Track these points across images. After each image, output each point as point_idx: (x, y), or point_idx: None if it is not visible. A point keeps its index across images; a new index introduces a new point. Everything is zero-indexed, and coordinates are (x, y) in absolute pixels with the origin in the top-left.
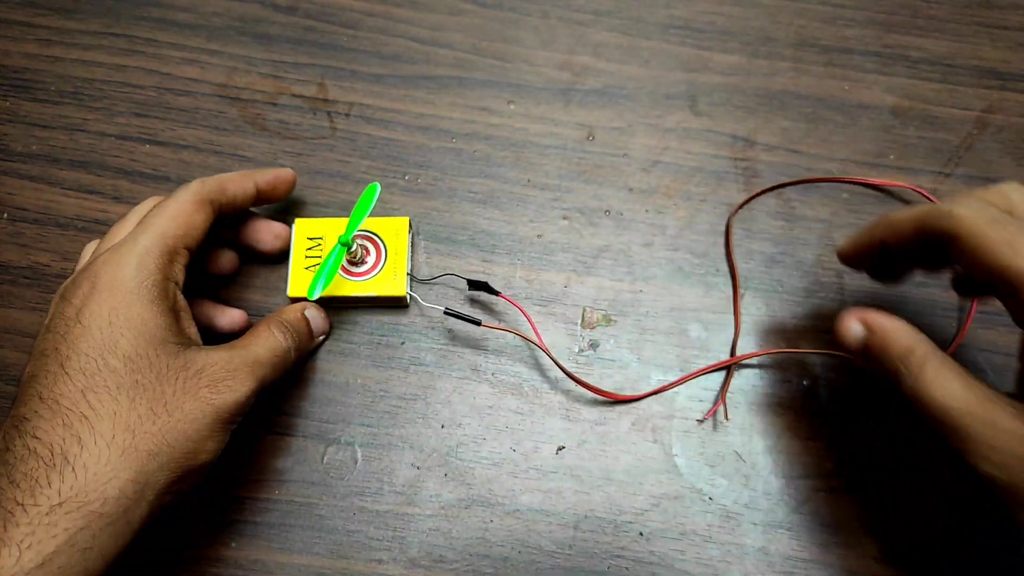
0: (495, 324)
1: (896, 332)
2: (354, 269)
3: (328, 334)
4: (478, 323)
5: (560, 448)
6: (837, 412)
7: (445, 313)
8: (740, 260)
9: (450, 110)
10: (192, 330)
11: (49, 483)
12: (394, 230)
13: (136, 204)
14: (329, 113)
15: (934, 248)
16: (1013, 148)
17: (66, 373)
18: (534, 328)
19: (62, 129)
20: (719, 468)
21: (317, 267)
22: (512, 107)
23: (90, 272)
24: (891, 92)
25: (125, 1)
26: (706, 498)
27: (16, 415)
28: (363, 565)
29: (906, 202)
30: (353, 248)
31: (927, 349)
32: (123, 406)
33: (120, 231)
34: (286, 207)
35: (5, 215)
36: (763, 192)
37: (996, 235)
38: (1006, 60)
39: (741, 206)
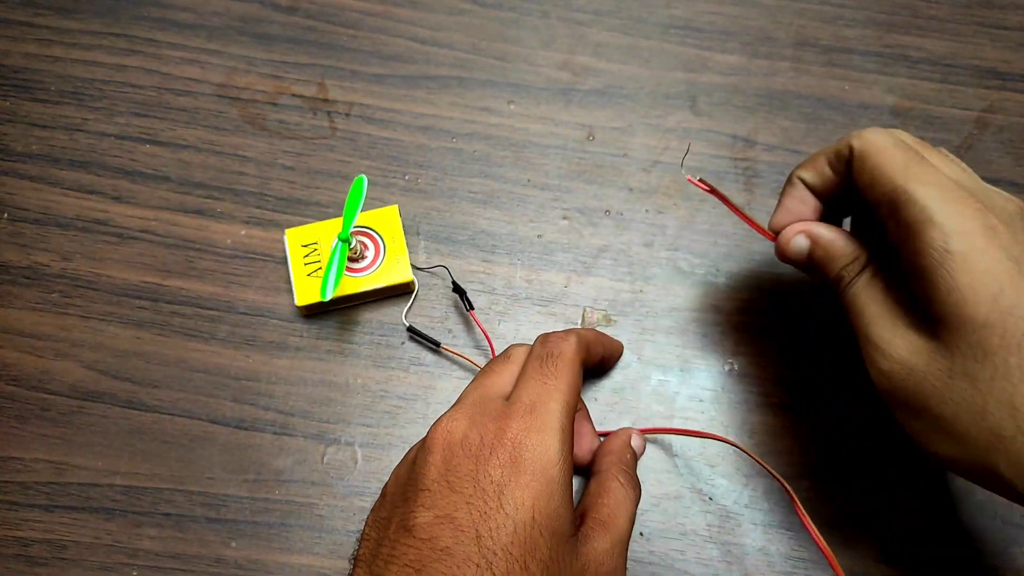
0: (452, 349)
1: (838, 242)
2: (356, 266)
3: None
4: (437, 345)
5: None
6: (836, 411)
7: (408, 330)
8: (740, 260)
9: (450, 110)
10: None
11: None
12: (386, 220)
13: (136, 204)
14: (329, 113)
15: (848, 185)
16: (1013, 148)
17: (492, 572)
18: (492, 349)
19: (62, 129)
20: (719, 468)
21: (318, 272)
22: (512, 107)
23: (512, 443)
24: (891, 92)
25: (125, 1)
26: (706, 498)
27: None
28: None
29: None
30: (353, 244)
31: (867, 258)
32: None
33: (506, 372)
34: (280, 217)
35: (5, 215)
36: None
37: (893, 156)
38: (1006, 60)
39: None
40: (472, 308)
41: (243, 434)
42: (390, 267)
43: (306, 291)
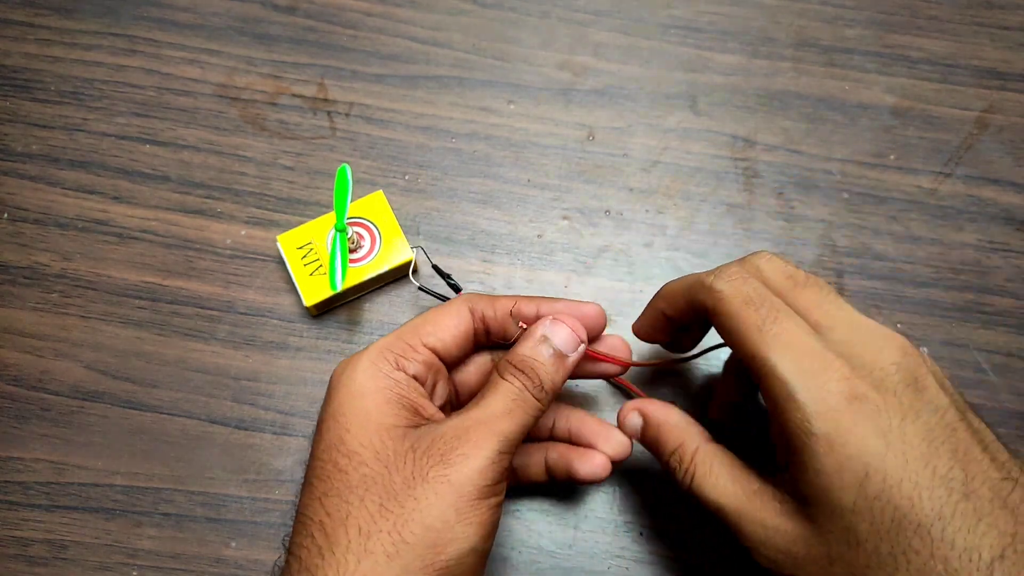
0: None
1: (667, 427)
2: (354, 256)
3: (596, 337)
4: (458, 289)
5: None
6: None
7: (420, 289)
8: None
9: (450, 110)
10: (429, 411)
11: None
12: (375, 207)
13: (136, 204)
14: (329, 113)
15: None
16: (1013, 148)
17: (309, 482)
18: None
19: (62, 129)
20: None
21: (319, 270)
22: (512, 107)
23: (333, 377)
24: (891, 92)
25: (125, 1)
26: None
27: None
28: None
29: (904, 200)
30: (349, 235)
31: (696, 444)
32: (354, 506)
33: None
34: (280, 217)
35: (5, 215)
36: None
37: (748, 318)
38: (1006, 60)
39: None
40: (460, 290)
41: (243, 434)
42: (389, 250)
43: (312, 290)
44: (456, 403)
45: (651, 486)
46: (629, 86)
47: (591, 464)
